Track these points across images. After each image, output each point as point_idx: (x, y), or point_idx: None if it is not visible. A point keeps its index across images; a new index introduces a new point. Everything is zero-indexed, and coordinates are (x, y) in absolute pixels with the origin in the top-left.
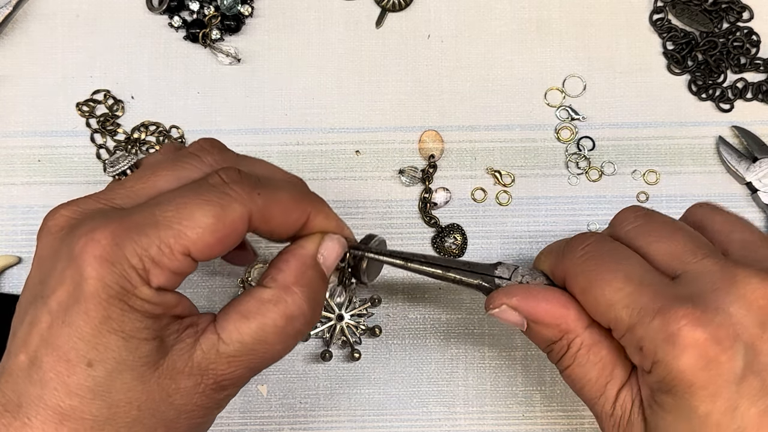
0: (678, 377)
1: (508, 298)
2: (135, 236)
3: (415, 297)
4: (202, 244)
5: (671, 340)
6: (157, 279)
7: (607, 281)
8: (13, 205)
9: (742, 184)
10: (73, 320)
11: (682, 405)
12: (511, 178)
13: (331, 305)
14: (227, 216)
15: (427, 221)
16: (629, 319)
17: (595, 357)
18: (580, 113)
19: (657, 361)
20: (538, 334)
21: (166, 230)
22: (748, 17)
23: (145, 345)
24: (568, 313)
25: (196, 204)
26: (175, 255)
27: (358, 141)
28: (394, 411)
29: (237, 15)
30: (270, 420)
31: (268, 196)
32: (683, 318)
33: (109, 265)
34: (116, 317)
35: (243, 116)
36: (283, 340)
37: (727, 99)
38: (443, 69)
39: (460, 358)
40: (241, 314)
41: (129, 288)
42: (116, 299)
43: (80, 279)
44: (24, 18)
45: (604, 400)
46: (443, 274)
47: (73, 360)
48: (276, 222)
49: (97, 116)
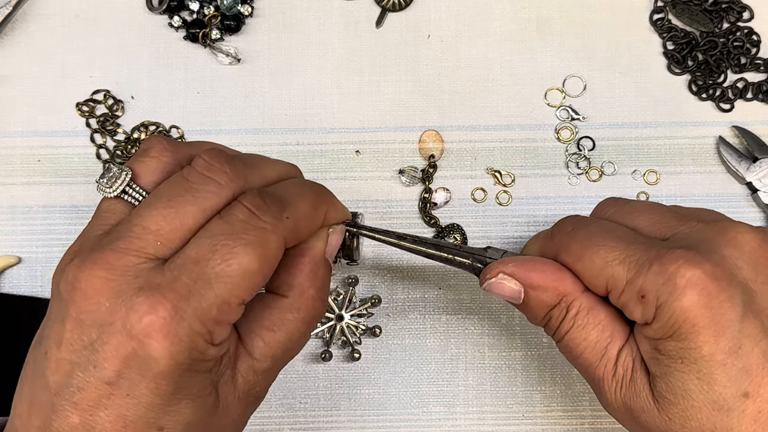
0: (682, 317)
1: (504, 266)
2: (194, 303)
3: (415, 297)
4: (253, 287)
5: (671, 281)
6: (220, 336)
7: (601, 243)
8: (13, 205)
9: (742, 184)
10: (141, 394)
11: (687, 347)
12: (511, 178)
13: (331, 305)
14: (269, 252)
15: (427, 221)
16: (627, 273)
17: (594, 319)
18: (580, 113)
19: (660, 305)
20: (536, 301)
21: (220, 287)
22: (748, 17)
23: (209, 398)
24: (564, 276)
25: (239, 251)
26: (233, 308)
27: (358, 141)
28: (394, 411)
29: (237, 15)
30: (270, 420)
31: (295, 215)
32: (679, 259)
33: (179, 342)
34: (187, 385)
35: (243, 116)
36: (302, 342)
37: (727, 99)
38: (443, 69)
39: (460, 358)
40: (267, 328)
41: (198, 356)
42: (188, 371)
43: (147, 357)
44: (24, 18)
45: (606, 361)
46: (436, 253)
47: (142, 428)
48: (303, 235)
49: (97, 116)
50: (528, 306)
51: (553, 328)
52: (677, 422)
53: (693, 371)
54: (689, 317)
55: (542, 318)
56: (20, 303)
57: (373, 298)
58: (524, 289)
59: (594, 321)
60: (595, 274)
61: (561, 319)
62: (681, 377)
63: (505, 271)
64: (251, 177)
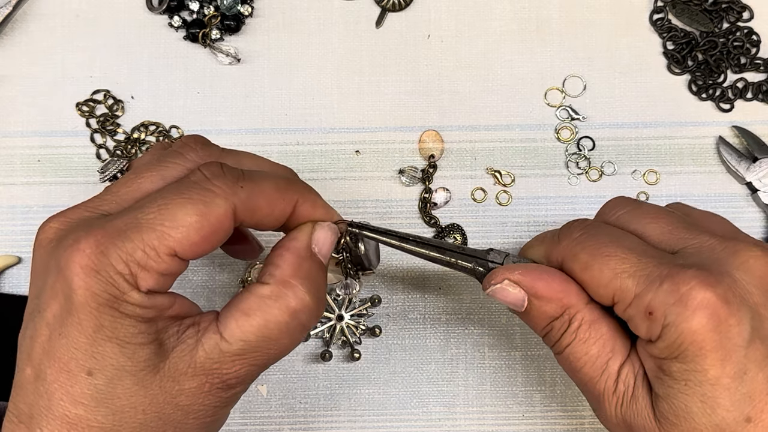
0: (689, 339)
1: (510, 273)
2: (119, 242)
3: (416, 297)
4: (188, 243)
5: (682, 302)
6: (145, 282)
7: (610, 254)
8: (13, 205)
9: (742, 184)
10: (69, 332)
11: (692, 370)
12: (511, 178)
13: (331, 305)
14: (211, 213)
15: (427, 221)
16: (636, 287)
17: (596, 333)
18: (580, 113)
19: (667, 324)
20: (539, 311)
21: (150, 233)
22: (748, 17)
23: (142, 349)
24: (570, 288)
25: (177, 203)
26: (161, 257)
27: (358, 141)
28: (394, 411)
29: (237, 15)
30: (270, 420)
31: (252, 188)
32: (692, 279)
33: (95, 274)
34: (109, 325)
35: (243, 116)
36: (288, 334)
37: (727, 99)
38: (443, 69)
39: (460, 358)
40: (243, 312)
41: (118, 295)
42: (106, 307)
43: (69, 291)
44: (24, 18)
45: (606, 377)
46: (439, 257)
47: (74, 370)
48: (262, 213)
49: (97, 116)
50: (530, 315)
51: (554, 340)
52: None
53: (697, 394)
54: (697, 339)
55: (543, 328)
56: (20, 303)
57: (373, 298)
58: (528, 298)
59: (596, 335)
60: (603, 284)
61: (563, 331)
62: (684, 399)
63: (511, 278)
64: (226, 160)
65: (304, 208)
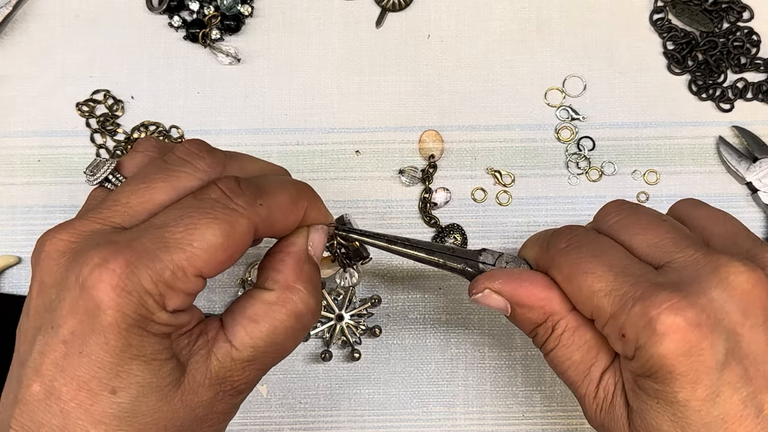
0: (658, 363)
1: (491, 282)
2: (148, 262)
3: (415, 297)
4: (214, 263)
5: (651, 326)
6: (172, 303)
7: (590, 270)
8: (13, 205)
9: (742, 184)
10: (92, 350)
11: (664, 391)
12: (511, 178)
13: (331, 305)
14: (236, 232)
15: (427, 221)
16: (611, 307)
17: (579, 340)
18: (580, 113)
19: (639, 347)
20: (523, 318)
21: (178, 253)
22: (748, 17)
23: (167, 365)
24: (552, 295)
25: (204, 224)
26: (188, 277)
27: (358, 141)
28: (394, 411)
29: (237, 15)
30: (270, 420)
31: (269, 204)
32: (663, 303)
33: (126, 295)
34: (136, 344)
35: (243, 116)
36: (293, 338)
37: (727, 99)
38: (443, 69)
39: (460, 358)
40: (250, 319)
41: (147, 315)
42: (135, 327)
43: (96, 309)
44: (24, 18)
45: (588, 382)
46: (427, 258)
47: (95, 389)
48: (278, 227)
49: (97, 116)
50: (515, 320)
51: (539, 343)
52: None
53: (668, 413)
54: (666, 364)
55: (530, 332)
56: (20, 303)
57: (373, 298)
58: (510, 306)
59: (579, 341)
60: (581, 300)
61: (547, 336)
62: (656, 416)
63: (491, 287)
64: (231, 166)
65: (311, 214)
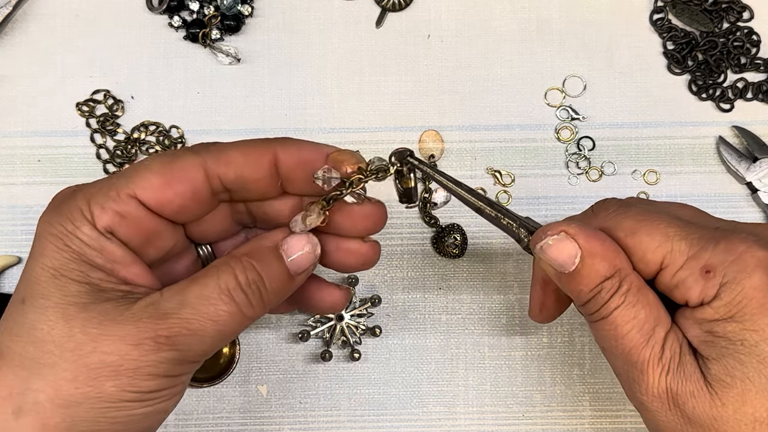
0: (749, 295)
1: (567, 225)
2: (90, 186)
3: (415, 297)
4: (149, 185)
5: (742, 259)
6: (101, 219)
7: (658, 219)
8: (13, 205)
9: (742, 184)
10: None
11: (749, 329)
12: (511, 178)
13: None
14: (176, 161)
15: (427, 221)
16: (690, 248)
17: (644, 298)
18: (580, 113)
19: (725, 282)
20: (591, 269)
21: (117, 177)
22: (748, 17)
23: (74, 285)
24: (620, 250)
25: (149, 158)
26: (120, 196)
27: (358, 141)
28: (394, 411)
29: (237, 15)
30: (270, 420)
31: (224, 146)
32: (747, 240)
33: (56, 208)
34: (50, 253)
35: (243, 116)
36: (226, 304)
37: (727, 99)
38: (443, 69)
39: (460, 358)
40: (190, 278)
41: (71, 228)
42: (55, 236)
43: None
44: (24, 18)
45: (654, 342)
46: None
47: (15, 300)
48: (237, 164)
49: (97, 116)
50: (580, 275)
51: (600, 304)
52: (730, 407)
53: (754, 354)
54: (757, 296)
55: (591, 290)
56: None
57: (373, 298)
58: (581, 255)
59: (644, 300)
60: (651, 249)
61: (612, 292)
62: (740, 359)
63: (568, 231)
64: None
65: (288, 155)
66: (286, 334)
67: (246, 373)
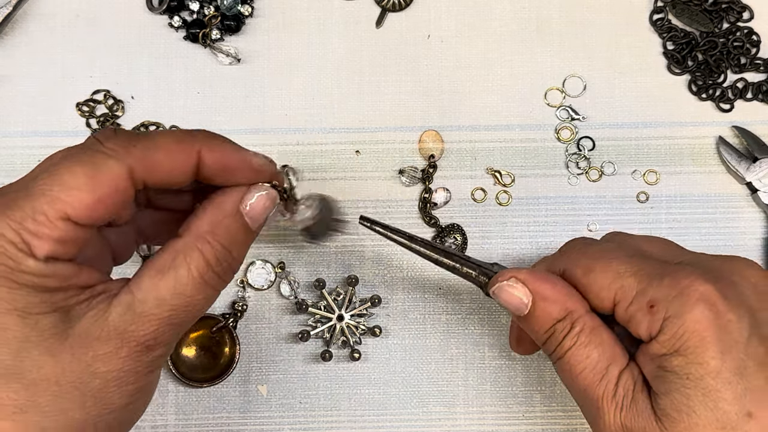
0: (690, 329)
1: (517, 272)
2: (9, 212)
3: (416, 297)
4: (80, 205)
5: (683, 294)
6: (40, 250)
7: (614, 256)
8: None
9: (742, 184)
10: None
11: (693, 362)
12: (511, 178)
13: (331, 305)
14: (101, 173)
15: (427, 221)
16: (638, 284)
17: (597, 338)
18: (580, 113)
19: (668, 316)
20: (543, 312)
21: (39, 198)
22: (748, 17)
23: (45, 319)
24: (573, 293)
25: (65, 167)
26: (52, 222)
27: (358, 141)
28: (394, 411)
29: (237, 15)
30: (270, 420)
31: (147, 145)
32: (692, 274)
33: None
34: (6, 296)
35: (243, 116)
36: (201, 290)
37: (727, 99)
38: (443, 69)
39: (460, 358)
40: (156, 269)
41: (12, 265)
42: (2, 278)
43: None
44: (24, 18)
45: (606, 381)
46: (445, 261)
47: None
48: (163, 169)
49: (97, 116)
50: (533, 317)
51: (555, 344)
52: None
53: (699, 388)
54: (698, 329)
55: (545, 331)
56: None
57: (373, 298)
58: (532, 299)
59: (597, 340)
60: (605, 286)
61: (565, 333)
62: (686, 393)
63: (518, 276)
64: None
65: (211, 156)
66: (286, 334)
67: (246, 373)
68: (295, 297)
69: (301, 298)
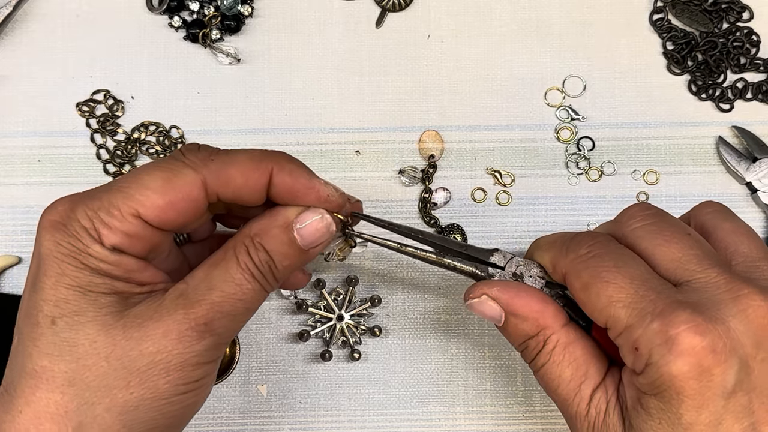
0: (668, 382)
1: (489, 288)
2: (88, 201)
3: (415, 297)
4: (151, 205)
5: (668, 344)
6: (108, 239)
7: (611, 280)
8: (13, 205)
9: (742, 184)
10: (38, 285)
11: (668, 410)
12: (511, 178)
13: (331, 305)
14: (177, 179)
15: (427, 221)
16: (628, 318)
17: (570, 356)
18: (580, 113)
19: (650, 363)
20: (515, 329)
21: (116, 194)
22: (748, 17)
23: (104, 298)
24: (546, 309)
25: (146, 171)
26: (124, 216)
27: (358, 141)
28: (394, 411)
29: (237, 15)
30: (270, 420)
31: (224, 160)
32: (683, 323)
33: (62, 227)
34: (71, 273)
35: (243, 116)
36: (249, 279)
37: (727, 99)
38: (443, 69)
39: (460, 358)
40: (209, 264)
41: (81, 247)
42: (69, 257)
43: (39, 245)
44: (24, 18)
45: (579, 400)
46: (437, 260)
47: (40, 321)
48: (236, 184)
49: (97, 116)
50: (507, 331)
51: (530, 358)
52: None
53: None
54: (675, 384)
55: (519, 345)
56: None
57: (373, 298)
58: (505, 315)
59: (569, 358)
60: (598, 309)
61: (537, 350)
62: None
63: (489, 293)
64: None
65: (281, 177)
66: (286, 334)
67: (246, 373)
68: (295, 297)
69: (301, 298)
